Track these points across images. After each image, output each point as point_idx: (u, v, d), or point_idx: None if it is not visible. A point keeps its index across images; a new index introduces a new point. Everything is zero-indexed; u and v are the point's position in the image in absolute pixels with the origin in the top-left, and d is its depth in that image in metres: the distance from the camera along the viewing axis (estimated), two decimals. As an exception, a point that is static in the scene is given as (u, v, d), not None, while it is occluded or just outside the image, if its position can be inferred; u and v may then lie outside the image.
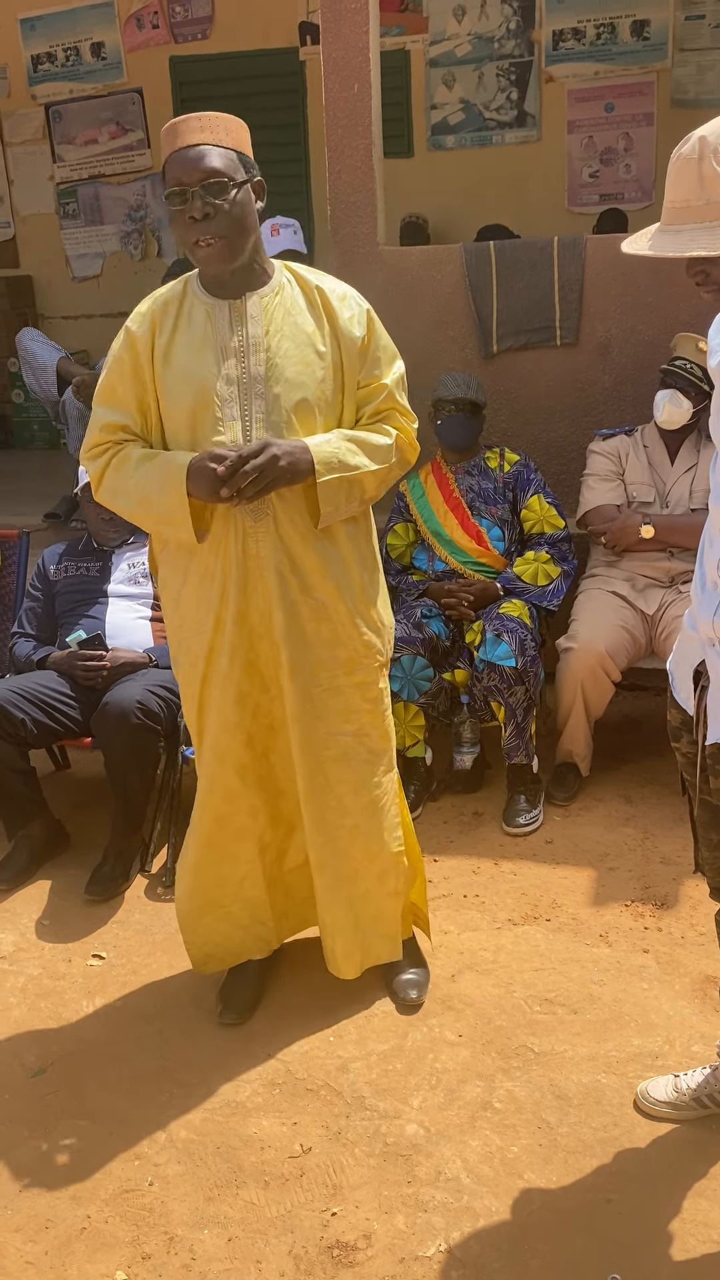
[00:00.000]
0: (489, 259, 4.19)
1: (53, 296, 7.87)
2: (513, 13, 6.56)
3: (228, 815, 2.51)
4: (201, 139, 2.15)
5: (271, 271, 2.29)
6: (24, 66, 7.51)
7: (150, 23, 7.14)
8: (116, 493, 2.32)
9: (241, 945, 2.66)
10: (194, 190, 2.12)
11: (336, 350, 2.29)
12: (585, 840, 3.31)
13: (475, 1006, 2.62)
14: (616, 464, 3.66)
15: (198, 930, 2.65)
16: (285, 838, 2.58)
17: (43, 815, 3.32)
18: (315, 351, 2.27)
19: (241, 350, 2.24)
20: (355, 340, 2.30)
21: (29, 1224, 2.12)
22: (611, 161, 6.67)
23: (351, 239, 4.31)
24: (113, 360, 2.32)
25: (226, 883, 2.58)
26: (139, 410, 2.31)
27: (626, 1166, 2.16)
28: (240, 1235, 2.07)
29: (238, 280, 2.25)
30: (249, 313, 2.25)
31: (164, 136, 2.20)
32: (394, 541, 3.77)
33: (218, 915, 2.62)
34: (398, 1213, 2.09)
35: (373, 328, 2.33)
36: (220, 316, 2.25)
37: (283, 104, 7.01)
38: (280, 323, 2.26)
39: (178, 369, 2.24)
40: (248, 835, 2.53)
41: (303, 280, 2.32)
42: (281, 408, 2.24)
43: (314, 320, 2.28)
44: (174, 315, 2.27)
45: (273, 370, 2.24)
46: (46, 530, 4.76)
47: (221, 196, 2.14)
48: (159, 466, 2.24)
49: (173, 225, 2.22)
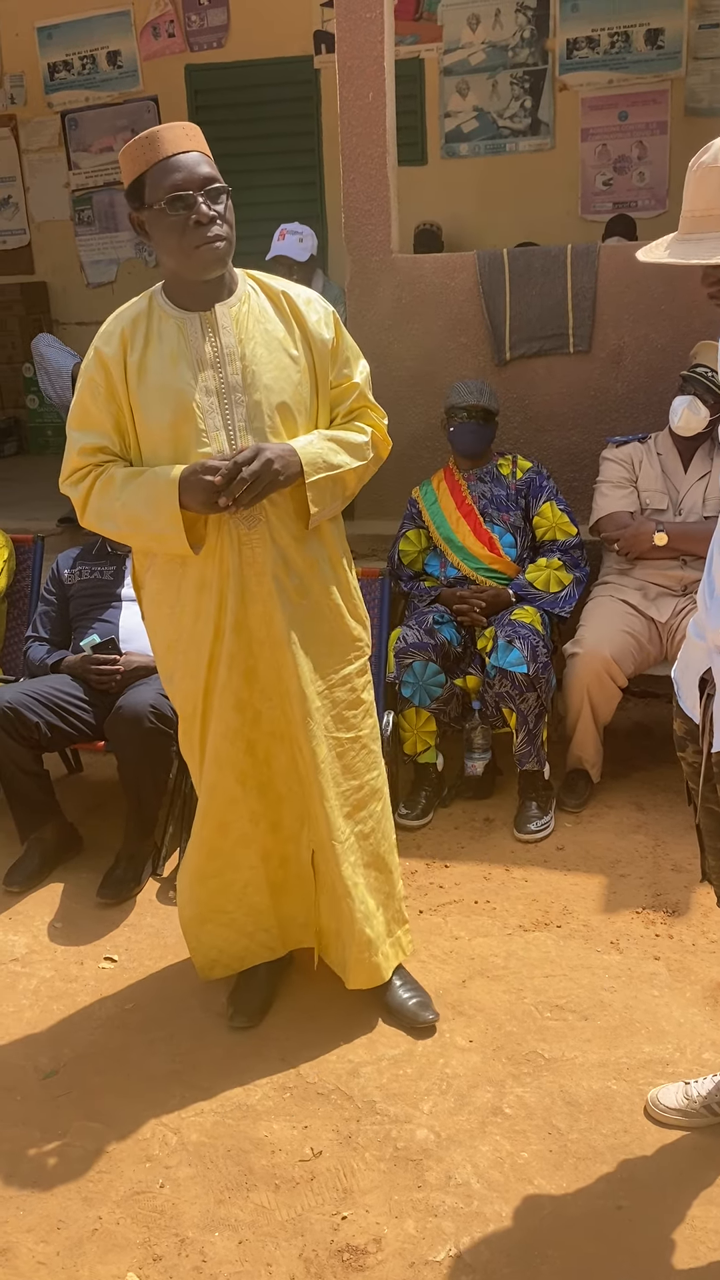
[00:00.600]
0: (502, 267, 4.21)
1: (67, 303, 7.91)
2: (527, 21, 6.58)
3: (230, 823, 2.52)
4: (192, 146, 2.18)
5: (237, 282, 2.32)
6: (40, 75, 7.56)
7: (166, 31, 7.19)
8: (103, 515, 2.31)
9: (246, 951, 2.67)
10: (199, 194, 2.15)
11: (308, 353, 2.32)
12: (596, 847, 3.32)
13: (486, 1012, 2.62)
14: (630, 471, 3.66)
15: (201, 937, 2.66)
16: (286, 843, 2.58)
17: (56, 818, 3.34)
18: (289, 356, 2.30)
19: (217, 360, 2.25)
20: (325, 342, 2.34)
21: (41, 1224, 2.13)
22: (625, 170, 6.68)
23: (365, 247, 4.33)
24: (85, 382, 2.30)
25: (230, 889, 2.59)
26: (116, 431, 2.30)
27: (637, 1173, 2.16)
28: (251, 1238, 2.08)
29: (208, 291, 2.26)
30: (220, 323, 2.26)
31: (143, 145, 2.17)
32: (406, 548, 3.78)
33: (221, 922, 2.63)
34: (408, 1217, 2.09)
35: (339, 329, 2.37)
36: (191, 329, 2.26)
37: (297, 112, 7.04)
38: (252, 330, 2.28)
39: (154, 385, 2.24)
40: (250, 842, 2.54)
41: (267, 287, 2.34)
42: (263, 413, 2.27)
43: (284, 325, 2.31)
44: (144, 331, 2.27)
45: (250, 377, 2.26)
46: (61, 534, 4.79)
47: (219, 201, 2.18)
48: (146, 484, 2.23)
49: (167, 232, 2.17)
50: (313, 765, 2.43)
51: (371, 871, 2.57)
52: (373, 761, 2.55)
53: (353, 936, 2.55)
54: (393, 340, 4.37)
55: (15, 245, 8.00)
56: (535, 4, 6.53)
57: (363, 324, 4.33)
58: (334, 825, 2.47)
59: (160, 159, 2.16)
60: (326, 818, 2.47)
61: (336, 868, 2.50)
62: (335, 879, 2.52)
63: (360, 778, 2.52)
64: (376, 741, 2.58)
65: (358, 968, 2.58)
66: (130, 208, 2.24)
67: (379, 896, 2.59)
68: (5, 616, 3.85)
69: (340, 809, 2.48)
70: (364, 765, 2.52)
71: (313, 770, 2.43)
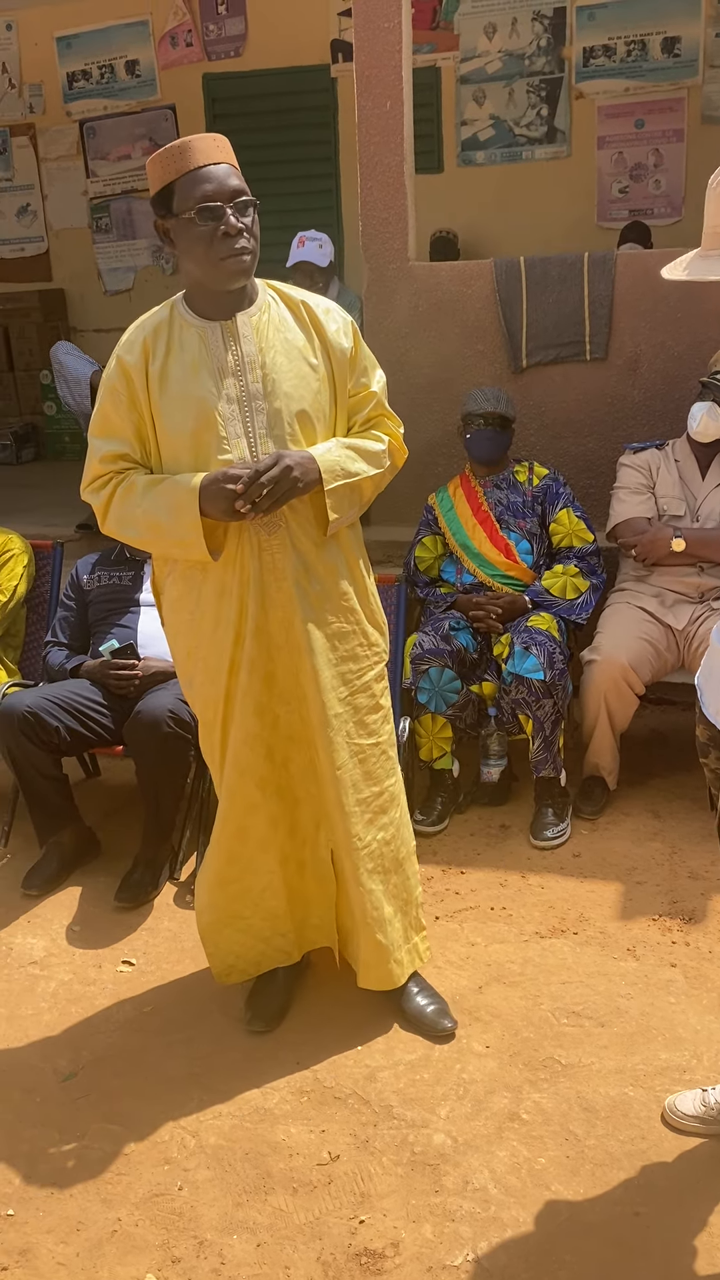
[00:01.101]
0: (519, 274, 4.22)
1: (85, 310, 7.96)
2: (543, 30, 6.60)
3: (250, 827, 2.53)
4: (221, 158, 2.21)
5: (257, 291, 2.34)
6: (59, 84, 7.62)
7: (184, 41, 7.23)
8: (124, 522, 2.33)
9: (263, 956, 2.68)
10: (228, 206, 2.18)
11: (327, 362, 2.35)
12: (613, 854, 3.32)
13: (502, 1018, 2.63)
14: (647, 477, 3.67)
15: (219, 943, 2.67)
16: (303, 848, 2.60)
17: (74, 822, 3.36)
18: (308, 364, 2.32)
19: (238, 369, 2.27)
20: (344, 351, 2.36)
21: (60, 1225, 2.15)
22: (641, 177, 6.69)
23: (382, 254, 4.35)
24: (107, 391, 2.32)
25: (248, 895, 2.60)
26: (137, 438, 2.33)
27: (654, 1180, 2.16)
28: (269, 1241, 2.09)
29: (229, 301, 2.29)
30: (240, 332, 2.29)
31: (173, 155, 2.19)
32: (422, 554, 3.79)
33: (239, 927, 2.64)
34: (425, 1222, 2.10)
35: (358, 339, 2.40)
36: (213, 337, 2.28)
37: (314, 120, 7.08)
38: (272, 339, 2.30)
39: (175, 393, 2.27)
40: (269, 846, 2.55)
41: (287, 297, 2.37)
42: (283, 421, 2.29)
43: (303, 334, 2.34)
44: (165, 340, 2.29)
45: (270, 385, 2.28)
46: (79, 541, 4.82)
47: (246, 213, 2.21)
48: (167, 492, 2.25)
49: (195, 242, 2.20)
50: (332, 771, 2.44)
51: (390, 877, 2.58)
52: (391, 767, 2.56)
53: (366, 941, 2.56)
54: (410, 347, 4.39)
55: (33, 252, 8.06)
56: (552, 13, 6.55)
57: (380, 331, 4.35)
58: (353, 831, 2.48)
59: (191, 169, 2.19)
60: (345, 823, 2.48)
61: (354, 872, 2.51)
62: (353, 884, 2.53)
63: (380, 784, 2.53)
64: (394, 747, 2.59)
65: (368, 970, 2.60)
66: (156, 215, 2.26)
67: (396, 903, 2.60)
68: (25, 622, 3.88)
69: (361, 815, 2.49)
70: (383, 771, 2.54)
71: (332, 776, 2.45)
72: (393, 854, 2.57)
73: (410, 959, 2.64)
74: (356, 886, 2.52)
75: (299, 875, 2.62)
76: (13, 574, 3.72)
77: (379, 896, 2.55)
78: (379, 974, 2.60)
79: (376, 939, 2.55)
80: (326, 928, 2.70)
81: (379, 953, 2.57)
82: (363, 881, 2.51)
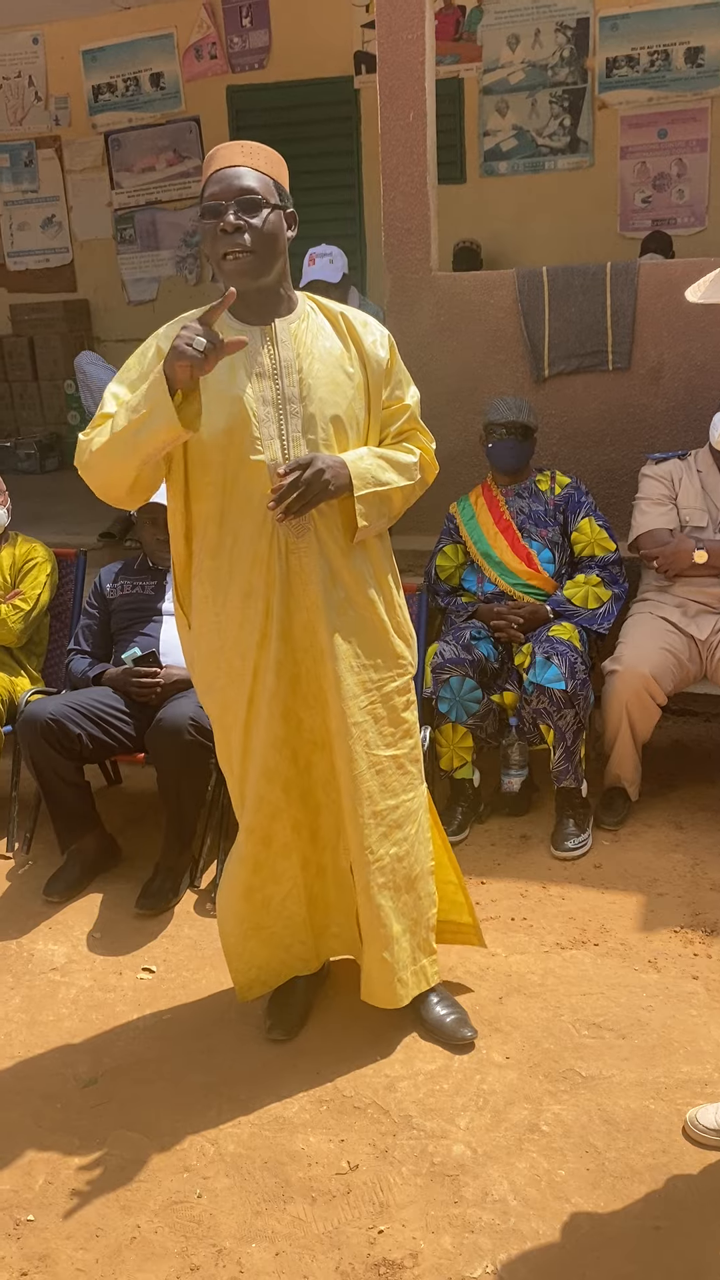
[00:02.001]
0: (541, 284, 4.23)
1: (109, 320, 8.02)
2: (566, 41, 6.62)
3: (274, 834, 2.53)
4: (242, 162, 2.24)
5: (297, 301, 2.37)
6: (85, 96, 7.70)
7: (209, 53, 7.29)
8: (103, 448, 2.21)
9: (283, 965, 2.68)
10: (229, 205, 2.20)
11: (363, 372, 2.36)
12: (634, 865, 3.30)
13: (523, 1029, 2.62)
14: (669, 488, 3.66)
15: (243, 954, 2.65)
16: (324, 853, 2.60)
17: (95, 829, 3.38)
18: (344, 373, 2.33)
19: (275, 372, 2.29)
20: (381, 362, 2.37)
21: (80, 1231, 2.15)
22: (664, 187, 6.69)
23: (405, 264, 4.37)
24: (138, 375, 2.28)
25: (270, 903, 2.59)
26: None
27: (675, 1194, 2.15)
28: (288, 1250, 2.08)
29: (265, 306, 2.30)
30: (279, 337, 2.31)
31: (207, 160, 2.29)
32: (443, 563, 3.80)
33: (262, 938, 2.63)
34: (444, 1233, 2.09)
35: (394, 352, 2.42)
36: (251, 341, 2.30)
37: (337, 131, 7.12)
38: (310, 346, 2.32)
39: (211, 390, 2.27)
40: (291, 851, 2.55)
41: (325, 308, 2.39)
42: (317, 425, 2.30)
43: (341, 344, 2.36)
44: None
45: (306, 390, 2.29)
46: (102, 549, 4.85)
47: (254, 214, 2.21)
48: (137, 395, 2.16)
49: (204, 240, 2.27)
50: (349, 780, 2.43)
51: (401, 894, 2.54)
52: (409, 783, 2.52)
53: (372, 957, 2.54)
54: (432, 357, 4.40)
55: (58, 263, 8.13)
56: (575, 23, 6.57)
57: (403, 341, 4.33)
58: (365, 843, 2.46)
59: (211, 172, 2.25)
60: (359, 835, 2.46)
61: (365, 885, 2.49)
62: (363, 896, 2.51)
63: (396, 798, 2.50)
64: (417, 764, 2.55)
65: (369, 984, 2.59)
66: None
67: (405, 921, 2.55)
68: (48, 630, 3.90)
69: (375, 828, 2.47)
70: (400, 786, 2.50)
71: (349, 785, 2.43)
72: (405, 871, 2.53)
73: (416, 981, 2.59)
74: (366, 899, 2.50)
75: (320, 881, 2.62)
76: (36, 582, 3.75)
77: (387, 913, 2.51)
78: (382, 991, 2.57)
79: (382, 956, 2.53)
80: (346, 936, 2.69)
81: (383, 970, 2.54)
82: (372, 895, 2.49)
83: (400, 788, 2.50)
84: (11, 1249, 2.13)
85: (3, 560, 3.77)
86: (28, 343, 7.72)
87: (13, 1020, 2.79)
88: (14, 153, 8.02)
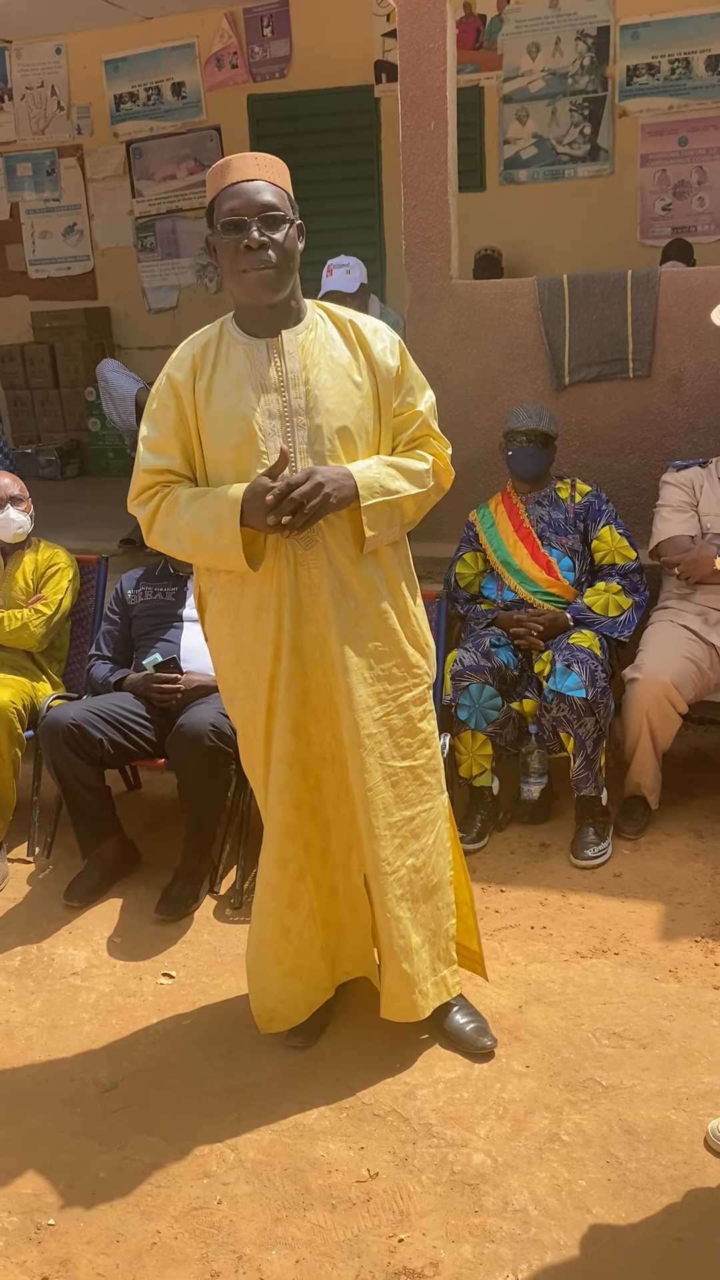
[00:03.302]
0: (562, 292, 4.23)
1: (129, 328, 8.06)
2: (587, 49, 6.62)
3: (289, 857, 2.51)
4: (259, 175, 2.24)
5: (305, 310, 2.37)
6: (107, 105, 7.74)
7: (230, 63, 7.33)
8: (168, 535, 2.35)
9: (301, 1000, 2.63)
10: (252, 220, 2.20)
11: (372, 380, 2.35)
12: (654, 874, 3.29)
13: (543, 1038, 2.61)
14: (690, 495, 3.65)
15: (263, 983, 2.62)
16: (335, 873, 2.58)
17: (116, 834, 3.39)
18: (352, 382, 2.33)
19: (281, 385, 2.29)
20: (390, 370, 2.36)
21: (100, 1236, 2.16)
22: (684, 195, 6.68)
23: (425, 273, 4.38)
24: (157, 406, 2.36)
25: (288, 934, 2.57)
26: (183, 453, 2.36)
27: (697, 1205, 2.13)
28: (308, 1257, 2.08)
29: (275, 318, 2.31)
30: (286, 349, 2.31)
31: (216, 173, 2.27)
32: (463, 570, 3.80)
33: (284, 969, 2.59)
34: (465, 1242, 2.09)
35: (405, 358, 2.40)
36: (258, 354, 2.31)
37: (357, 140, 7.14)
38: (317, 356, 2.32)
39: (220, 408, 2.30)
40: (305, 874, 2.53)
41: (335, 316, 2.39)
42: (324, 437, 2.30)
43: (349, 352, 2.35)
44: (213, 357, 2.33)
45: (313, 401, 2.30)
46: (123, 555, 4.87)
47: (276, 229, 2.22)
48: (209, 505, 2.27)
49: (222, 255, 2.27)
50: (364, 792, 2.41)
51: (419, 905, 2.52)
52: (426, 793, 2.50)
53: (391, 970, 2.53)
54: (452, 365, 4.40)
55: (80, 271, 8.18)
56: (595, 31, 6.57)
57: (422, 349, 4.37)
58: (381, 855, 2.45)
59: (226, 185, 2.24)
60: (374, 846, 2.44)
61: (382, 897, 2.47)
62: (380, 909, 2.50)
63: (413, 808, 2.48)
64: (435, 773, 2.53)
65: (390, 1000, 2.56)
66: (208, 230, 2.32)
67: (425, 932, 2.54)
68: (69, 635, 3.92)
69: (390, 839, 2.45)
70: (417, 796, 2.49)
71: (363, 797, 2.42)
72: (423, 882, 2.52)
73: (437, 992, 2.58)
74: (384, 912, 2.48)
75: (331, 902, 2.59)
76: (58, 588, 3.77)
77: (406, 924, 2.50)
78: (402, 1004, 2.55)
79: (402, 968, 2.51)
80: (360, 957, 2.68)
81: (404, 982, 2.52)
82: (390, 907, 2.47)
83: (417, 798, 2.49)
84: (33, 1253, 2.14)
85: (25, 566, 3.79)
86: (49, 350, 7.77)
87: (33, 1024, 2.80)
88: (37, 161, 8.07)
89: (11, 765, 3.47)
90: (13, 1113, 2.50)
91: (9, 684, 3.55)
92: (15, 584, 3.77)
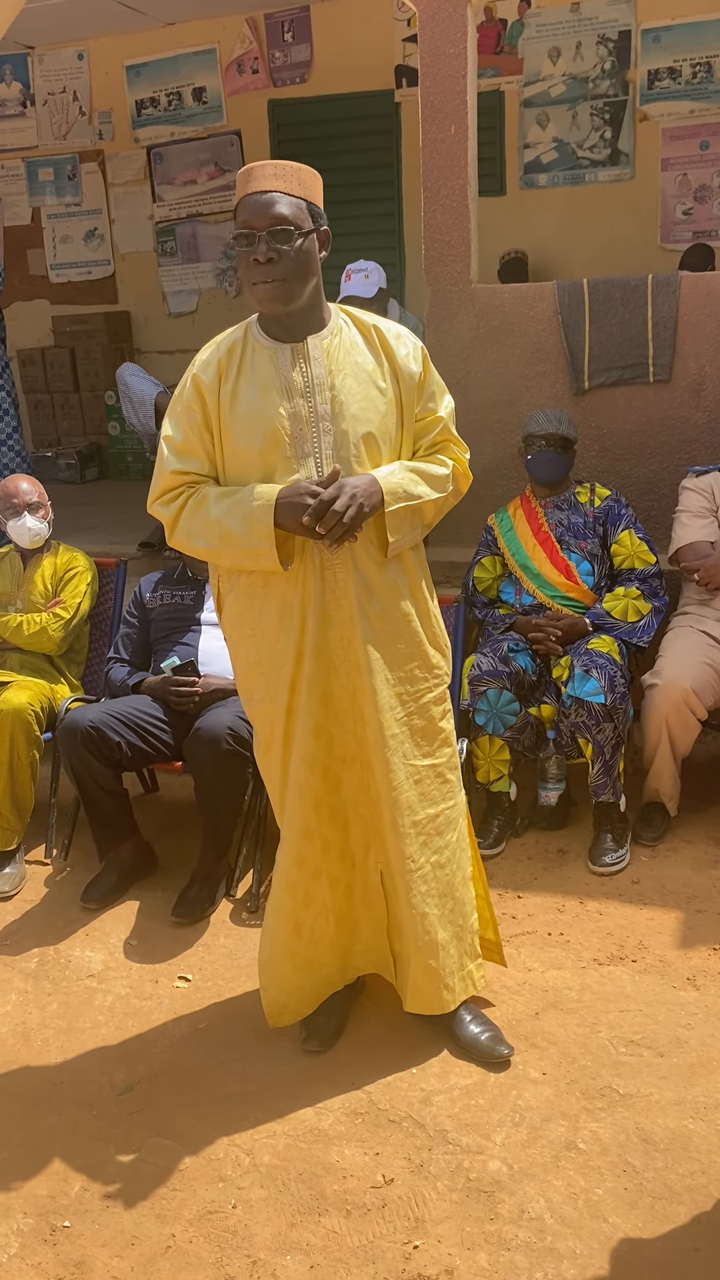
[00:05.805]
0: (582, 296, 4.22)
1: (149, 332, 8.08)
2: (608, 53, 6.60)
3: (306, 856, 2.53)
4: (274, 186, 2.23)
5: (329, 315, 2.37)
6: (128, 111, 7.77)
7: (250, 68, 7.34)
8: (193, 534, 2.35)
9: (312, 992, 2.66)
10: (261, 235, 2.21)
11: (396, 386, 2.36)
12: (673, 881, 3.27)
13: (559, 1045, 2.60)
14: (710, 500, 3.63)
15: (274, 976, 2.64)
16: (352, 871, 2.59)
17: (133, 837, 3.39)
18: (376, 388, 2.34)
19: (307, 390, 2.30)
20: (413, 375, 2.37)
21: (115, 1239, 2.16)
22: (705, 199, 6.65)
23: (445, 277, 4.38)
24: (182, 410, 2.37)
25: (300, 928, 2.59)
26: (207, 456, 2.37)
27: (715, 1215, 2.12)
28: (322, 1263, 2.08)
29: (298, 324, 2.32)
30: (310, 354, 2.31)
31: (240, 179, 2.28)
32: (481, 574, 3.79)
33: (294, 964, 2.62)
34: (480, 1250, 2.08)
35: (427, 364, 2.42)
36: (283, 359, 2.31)
37: (377, 145, 7.14)
38: (342, 362, 2.32)
39: (245, 412, 2.30)
40: (321, 872, 2.55)
41: (359, 321, 2.39)
42: (349, 442, 2.31)
43: (373, 358, 2.36)
44: (238, 360, 2.34)
45: (338, 407, 2.30)
46: (141, 559, 4.88)
47: (286, 243, 2.22)
48: (241, 503, 2.28)
49: (239, 263, 2.30)
50: (388, 791, 2.43)
51: (445, 901, 2.55)
52: (448, 791, 2.54)
53: (416, 965, 2.54)
54: (471, 369, 4.40)
55: (100, 275, 8.21)
56: (617, 35, 6.55)
57: (442, 353, 4.37)
58: (406, 853, 2.47)
59: (244, 195, 2.25)
60: (399, 845, 2.46)
61: (407, 895, 2.50)
62: (404, 906, 2.51)
63: (435, 806, 2.51)
64: (454, 771, 2.57)
65: (416, 994, 2.58)
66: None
67: (452, 928, 2.57)
68: (88, 638, 3.94)
69: (415, 837, 2.48)
70: (439, 794, 2.52)
71: (388, 797, 2.44)
72: (447, 878, 2.55)
73: (464, 986, 2.61)
74: (409, 909, 2.50)
75: (347, 900, 2.61)
76: (77, 591, 3.78)
77: (432, 921, 2.52)
78: (429, 998, 2.57)
79: (428, 963, 2.53)
80: (373, 954, 2.68)
81: (430, 977, 2.55)
82: (415, 904, 2.50)
83: (440, 796, 2.51)
84: (48, 1255, 2.14)
85: (45, 569, 3.81)
86: (69, 354, 7.79)
87: (50, 1026, 2.81)
88: (58, 166, 8.11)
89: (30, 767, 3.48)
90: (29, 1114, 2.51)
91: (27, 686, 3.56)
92: (35, 587, 3.79)
